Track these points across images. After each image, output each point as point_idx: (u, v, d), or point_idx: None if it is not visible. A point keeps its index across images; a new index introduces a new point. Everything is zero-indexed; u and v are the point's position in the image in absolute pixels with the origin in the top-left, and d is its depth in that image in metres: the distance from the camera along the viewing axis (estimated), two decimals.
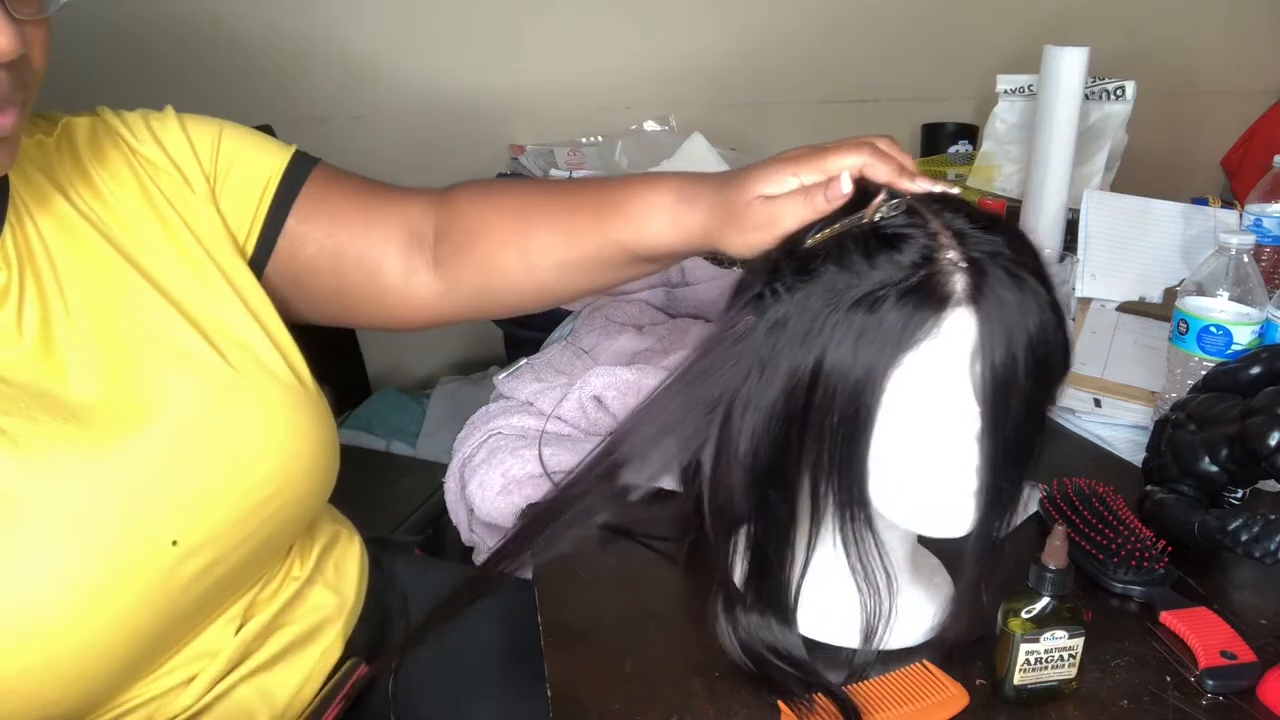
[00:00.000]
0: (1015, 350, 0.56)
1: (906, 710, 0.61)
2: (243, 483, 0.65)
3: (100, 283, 0.65)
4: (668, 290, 1.19)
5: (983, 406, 0.57)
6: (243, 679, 0.68)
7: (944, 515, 0.60)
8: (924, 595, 0.69)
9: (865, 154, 0.63)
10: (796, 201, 0.62)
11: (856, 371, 0.56)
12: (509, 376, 1.01)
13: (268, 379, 0.69)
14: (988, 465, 0.58)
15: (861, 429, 0.57)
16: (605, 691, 0.64)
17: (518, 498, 0.86)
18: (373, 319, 0.81)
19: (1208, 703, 0.63)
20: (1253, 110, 2.25)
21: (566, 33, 1.86)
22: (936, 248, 0.56)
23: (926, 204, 0.60)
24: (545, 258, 0.74)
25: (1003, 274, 0.56)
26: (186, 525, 0.62)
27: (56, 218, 0.65)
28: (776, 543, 0.63)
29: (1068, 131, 1.33)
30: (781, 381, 0.58)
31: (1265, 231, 1.20)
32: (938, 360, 0.56)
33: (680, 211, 0.69)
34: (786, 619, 0.64)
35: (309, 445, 0.70)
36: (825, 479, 0.60)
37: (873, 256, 0.57)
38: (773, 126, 2.03)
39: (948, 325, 0.55)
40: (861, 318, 0.56)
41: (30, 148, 0.66)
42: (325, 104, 1.76)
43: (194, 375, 0.65)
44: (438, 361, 2.02)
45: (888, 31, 2.01)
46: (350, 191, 0.78)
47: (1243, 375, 0.81)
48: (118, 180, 0.69)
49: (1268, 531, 0.70)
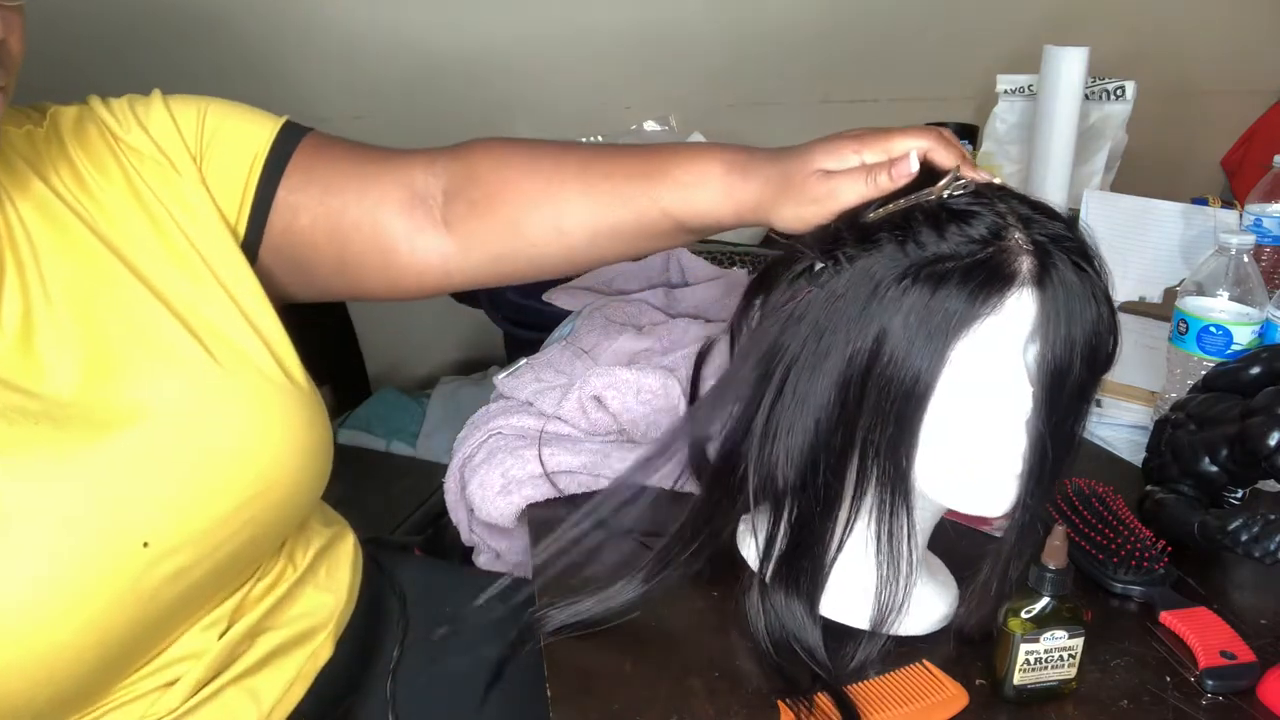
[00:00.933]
0: (1074, 337, 0.57)
1: (906, 710, 0.61)
2: (222, 483, 0.63)
3: (83, 274, 0.63)
4: (668, 290, 1.19)
5: (1036, 389, 0.58)
6: (230, 682, 0.68)
7: (985, 494, 0.61)
8: (932, 588, 0.69)
9: (931, 139, 0.63)
10: (858, 178, 0.62)
11: (918, 344, 0.56)
12: (509, 376, 1.01)
13: (255, 375, 0.67)
14: (1034, 449, 0.59)
15: (917, 403, 0.58)
16: (605, 691, 0.63)
17: (518, 498, 0.86)
18: (378, 287, 0.77)
19: (1208, 703, 0.63)
20: (1253, 110, 2.25)
21: (566, 33, 1.86)
22: (1005, 226, 0.57)
23: (991, 188, 0.61)
24: (578, 222, 0.71)
25: (1066, 260, 0.57)
26: (159, 527, 0.60)
27: (40, 207, 0.64)
28: (822, 516, 0.63)
29: (1068, 131, 1.33)
30: (841, 350, 0.58)
31: (1265, 231, 1.20)
32: (997, 339, 0.57)
33: (734, 182, 0.67)
34: (814, 599, 0.64)
35: (298, 444, 0.68)
36: (874, 452, 0.60)
37: (942, 229, 0.57)
38: (773, 126, 2.01)
39: (1010, 304, 0.56)
40: (926, 291, 0.56)
41: (19, 138, 0.65)
42: (325, 104, 1.75)
43: (178, 371, 0.64)
44: (438, 361, 2.02)
45: (888, 31, 2.01)
46: (343, 156, 0.75)
47: (1243, 375, 0.81)
48: (104, 172, 0.67)
49: (1268, 531, 0.70)
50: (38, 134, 0.67)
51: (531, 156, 0.74)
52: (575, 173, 0.72)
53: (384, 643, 0.84)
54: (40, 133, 0.67)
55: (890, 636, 0.65)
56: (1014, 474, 0.60)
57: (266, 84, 1.71)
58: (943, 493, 0.61)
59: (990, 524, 0.79)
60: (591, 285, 1.20)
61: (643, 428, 0.90)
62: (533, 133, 1.93)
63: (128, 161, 0.68)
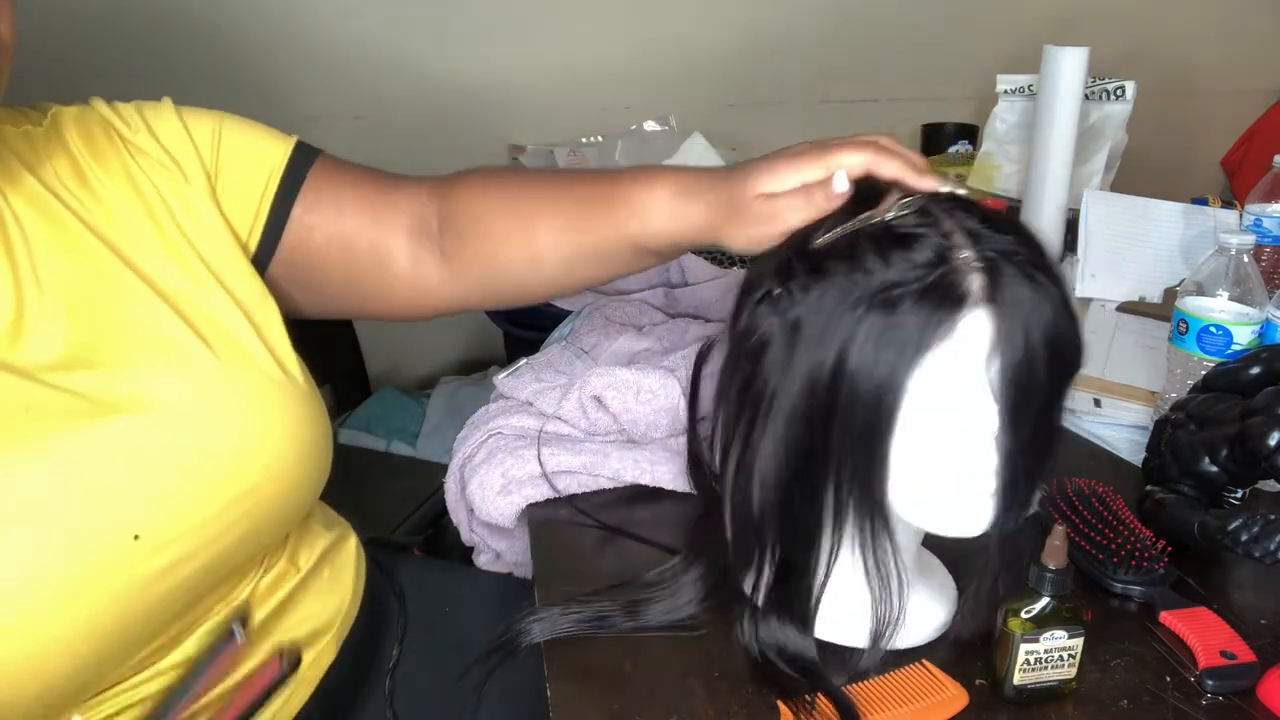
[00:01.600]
0: (1032, 349, 0.56)
1: (906, 710, 0.61)
2: (221, 477, 0.63)
3: (79, 270, 0.64)
4: (667, 290, 1.19)
5: (1001, 405, 0.57)
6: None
7: (962, 515, 0.60)
8: (929, 594, 0.69)
9: (869, 152, 0.62)
10: (798, 200, 0.62)
11: (877, 374, 0.56)
12: (509, 376, 1.01)
13: (254, 371, 0.67)
14: (1006, 464, 0.58)
15: (882, 431, 0.57)
16: (605, 691, 0.63)
17: (518, 498, 0.86)
18: (381, 308, 0.80)
19: (1207, 703, 0.63)
20: (1253, 110, 2.25)
21: (567, 32, 1.86)
22: (950, 247, 0.56)
23: (938, 204, 0.59)
24: (550, 252, 0.74)
25: (1017, 273, 0.56)
26: (150, 519, 0.60)
27: (34, 203, 0.64)
28: (803, 548, 0.63)
29: (1068, 131, 1.33)
30: (800, 384, 0.58)
31: (1265, 231, 1.20)
32: (956, 361, 0.56)
33: (680, 206, 0.68)
34: (807, 624, 0.64)
35: (295, 440, 0.68)
36: (847, 481, 0.59)
37: (887, 255, 0.57)
38: (773, 126, 2.02)
39: (964, 325, 0.55)
40: (879, 319, 0.56)
41: (15, 136, 0.66)
42: (325, 104, 1.76)
43: (175, 364, 0.64)
44: (438, 361, 2.02)
45: (888, 31, 2.01)
46: (356, 180, 0.77)
47: (1243, 375, 0.81)
48: (105, 168, 0.68)
49: (1268, 531, 0.70)
50: (36, 133, 0.67)
51: (506, 191, 0.77)
52: (545, 203, 0.75)
53: (383, 643, 0.84)
54: (39, 131, 0.67)
55: (889, 651, 0.65)
56: (988, 492, 0.59)
57: (267, 84, 1.71)
58: (919, 517, 0.61)
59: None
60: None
61: (642, 428, 0.90)
62: (533, 132, 1.93)
63: (132, 160, 0.69)
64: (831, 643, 0.66)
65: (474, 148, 1.85)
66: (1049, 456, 0.60)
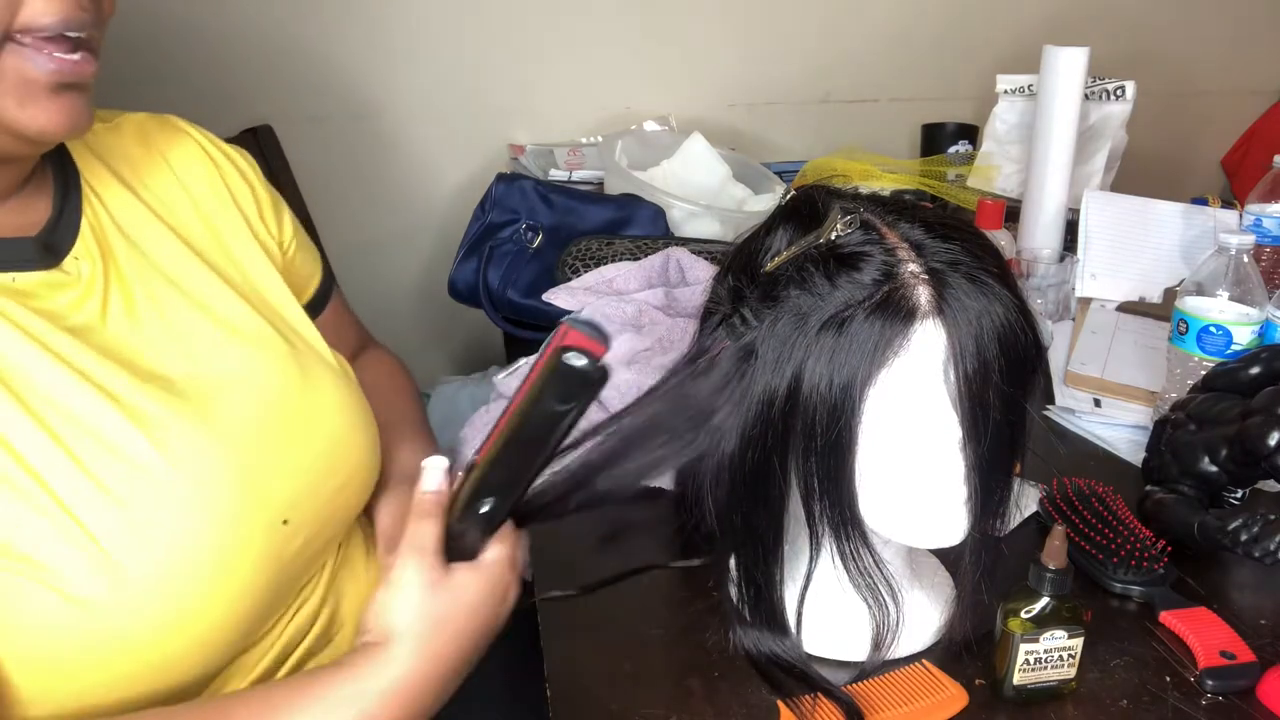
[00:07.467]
0: (986, 355, 0.56)
1: (906, 710, 0.61)
2: (333, 462, 0.68)
3: (166, 264, 0.67)
4: (668, 290, 1.19)
5: (961, 414, 0.57)
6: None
7: (936, 526, 0.60)
8: (926, 599, 0.69)
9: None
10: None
11: (834, 393, 0.56)
12: (509, 376, 1.01)
13: (324, 366, 0.72)
14: (974, 471, 0.58)
15: (845, 449, 0.58)
16: (605, 691, 0.64)
17: None
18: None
19: (1207, 703, 0.63)
20: (1253, 110, 2.25)
21: (567, 32, 1.86)
22: (895, 262, 0.57)
23: (881, 215, 0.60)
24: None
25: (964, 281, 0.56)
26: (294, 504, 0.63)
27: (122, 202, 0.67)
28: (764, 565, 0.63)
29: (1068, 131, 1.33)
30: (756, 408, 0.58)
31: (1265, 231, 1.20)
32: (911, 374, 0.56)
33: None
34: (785, 633, 0.64)
35: (368, 429, 0.72)
36: (817, 500, 0.60)
37: (834, 277, 0.57)
38: (773, 126, 2.03)
39: (917, 339, 0.56)
40: (831, 339, 0.56)
41: (91, 134, 0.68)
42: (325, 104, 1.75)
43: (266, 355, 0.67)
44: (438, 361, 2.02)
45: (888, 31, 2.01)
46: (349, 325, 0.91)
47: (1242, 375, 0.81)
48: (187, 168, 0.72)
49: (1268, 531, 0.70)
50: (103, 129, 0.70)
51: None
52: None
53: None
54: (106, 129, 0.71)
55: (889, 660, 0.65)
56: (959, 501, 0.59)
57: (267, 83, 1.71)
58: (894, 531, 0.61)
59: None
60: (591, 285, 1.20)
61: None
62: (533, 132, 1.93)
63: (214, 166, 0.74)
64: (832, 659, 0.66)
65: (474, 147, 1.85)
66: (1015, 458, 0.60)
